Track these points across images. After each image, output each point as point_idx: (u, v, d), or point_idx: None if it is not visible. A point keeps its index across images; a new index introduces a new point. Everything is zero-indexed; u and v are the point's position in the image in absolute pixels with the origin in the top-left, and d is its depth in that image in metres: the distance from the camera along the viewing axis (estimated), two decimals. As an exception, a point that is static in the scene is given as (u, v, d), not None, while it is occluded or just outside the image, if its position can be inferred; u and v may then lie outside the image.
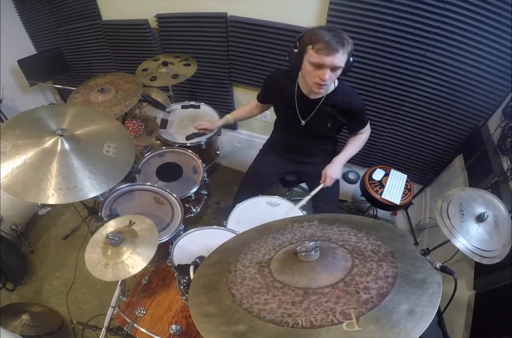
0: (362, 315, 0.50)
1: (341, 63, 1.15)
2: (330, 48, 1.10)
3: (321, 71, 1.16)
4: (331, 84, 1.27)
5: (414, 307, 0.50)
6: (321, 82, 1.19)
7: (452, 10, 1.44)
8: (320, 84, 1.20)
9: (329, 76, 1.16)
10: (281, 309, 0.55)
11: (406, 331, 0.47)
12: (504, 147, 1.48)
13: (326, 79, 1.17)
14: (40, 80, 2.39)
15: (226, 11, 1.89)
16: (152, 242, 1.08)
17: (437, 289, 0.53)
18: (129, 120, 1.78)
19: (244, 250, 0.75)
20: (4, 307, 1.78)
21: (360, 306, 0.51)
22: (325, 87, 1.24)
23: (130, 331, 1.23)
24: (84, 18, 2.32)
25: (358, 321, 0.49)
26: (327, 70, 1.15)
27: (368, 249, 0.65)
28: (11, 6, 2.52)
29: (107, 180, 1.15)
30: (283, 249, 0.71)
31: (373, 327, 0.48)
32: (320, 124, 1.45)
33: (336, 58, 1.12)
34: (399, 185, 1.98)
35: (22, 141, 1.12)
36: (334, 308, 0.52)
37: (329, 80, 1.19)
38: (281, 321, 0.52)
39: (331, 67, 1.14)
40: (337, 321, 0.50)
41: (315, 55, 1.13)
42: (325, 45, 1.10)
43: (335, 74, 1.18)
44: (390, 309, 0.50)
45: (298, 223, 0.82)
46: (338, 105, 1.37)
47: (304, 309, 0.53)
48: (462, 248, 1.11)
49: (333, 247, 0.67)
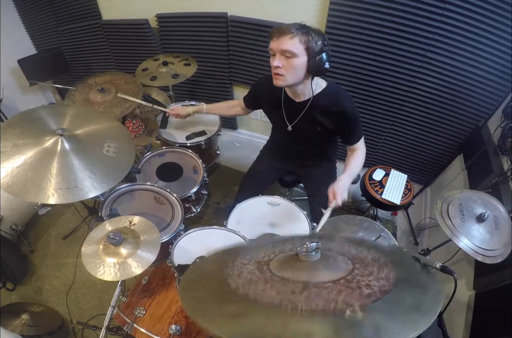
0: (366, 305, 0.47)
1: (290, 47, 1.08)
2: (277, 31, 1.09)
3: (273, 58, 1.15)
4: (291, 76, 1.16)
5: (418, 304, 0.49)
6: (274, 70, 1.15)
7: (452, 10, 1.44)
8: (274, 72, 1.16)
9: (279, 62, 1.12)
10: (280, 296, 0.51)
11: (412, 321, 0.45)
12: (504, 147, 1.48)
13: (275, 65, 1.13)
14: (40, 79, 2.38)
15: (226, 11, 1.89)
16: (154, 242, 1.09)
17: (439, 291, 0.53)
18: (129, 120, 1.78)
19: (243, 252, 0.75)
20: (4, 307, 1.78)
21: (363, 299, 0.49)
22: (282, 78, 1.17)
23: (130, 331, 1.22)
24: (84, 17, 2.32)
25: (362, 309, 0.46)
26: (276, 55, 1.13)
27: (369, 258, 0.64)
28: (11, 6, 2.51)
29: (107, 180, 1.15)
30: (283, 253, 0.71)
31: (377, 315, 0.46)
32: (308, 128, 1.39)
33: (283, 41, 1.08)
34: (399, 185, 1.98)
35: (22, 141, 1.12)
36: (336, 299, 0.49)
37: (284, 69, 1.14)
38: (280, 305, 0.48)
39: (279, 51, 1.11)
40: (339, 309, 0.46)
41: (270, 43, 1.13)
42: (275, 30, 1.10)
43: (288, 62, 1.12)
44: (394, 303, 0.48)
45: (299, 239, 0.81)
46: (326, 107, 1.29)
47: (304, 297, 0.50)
48: (465, 247, 1.12)
49: (334, 255, 0.67)
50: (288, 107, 1.38)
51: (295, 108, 1.35)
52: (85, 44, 2.47)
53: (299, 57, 1.11)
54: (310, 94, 1.29)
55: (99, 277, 0.99)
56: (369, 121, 2.04)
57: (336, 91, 1.32)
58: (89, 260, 1.03)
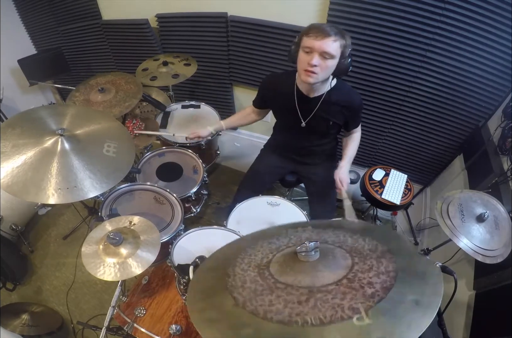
0: (371, 308, 0.49)
1: (331, 49, 1.12)
2: (321, 31, 1.10)
3: (310, 56, 1.15)
4: (323, 75, 1.20)
5: (419, 297, 0.50)
6: (309, 67, 1.16)
7: (452, 10, 1.44)
8: (308, 70, 1.17)
9: (317, 61, 1.14)
10: (287, 309, 0.53)
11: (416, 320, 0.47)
12: (504, 147, 1.48)
13: (313, 63, 1.14)
14: (40, 79, 2.38)
15: (226, 11, 1.89)
16: (154, 242, 1.09)
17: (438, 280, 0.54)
18: (129, 120, 1.78)
19: (241, 255, 0.74)
20: (4, 307, 1.78)
21: (367, 300, 0.51)
22: (315, 76, 1.18)
23: (130, 331, 1.23)
24: (84, 17, 2.32)
25: (368, 315, 0.48)
26: (316, 54, 1.13)
27: (366, 248, 0.65)
28: (11, 6, 2.51)
29: (107, 180, 1.15)
30: (281, 252, 0.71)
31: (383, 319, 0.48)
32: (321, 124, 1.44)
33: (326, 43, 1.10)
34: (399, 185, 1.98)
35: (22, 141, 1.12)
36: (342, 304, 0.51)
37: (320, 68, 1.15)
38: (290, 321, 0.51)
39: (320, 51, 1.12)
40: (346, 316, 0.49)
41: (306, 40, 1.14)
42: (316, 29, 1.12)
43: (325, 63, 1.15)
44: (397, 301, 0.50)
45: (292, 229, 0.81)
46: (338, 102, 1.36)
47: (311, 307, 0.52)
48: (465, 247, 1.12)
49: (331, 248, 0.67)
50: (302, 103, 1.39)
51: (308, 104, 1.38)
52: (85, 44, 2.47)
53: (335, 59, 1.16)
54: (323, 90, 1.34)
55: (99, 277, 0.99)
56: (369, 121, 2.04)
57: (345, 87, 1.39)
58: (89, 260, 1.03)
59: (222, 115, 2.11)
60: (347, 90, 1.39)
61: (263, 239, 0.79)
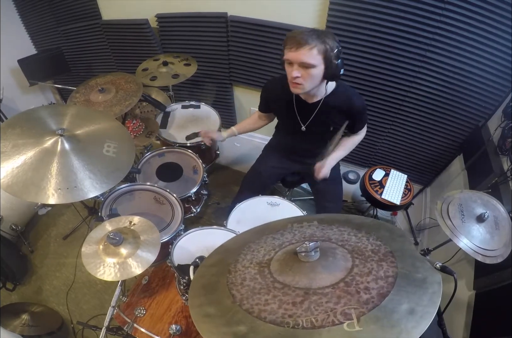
0: (363, 315, 0.50)
1: (308, 59, 1.09)
2: (295, 42, 1.08)
3: (292, 68, 1.14)
4: (309, 84, 1.18)
5: (414, 306, 0.50)
6: (292, 79, 1.16)
7: (452, 10, 1.44)
8: (292, 82, 1.17)
9: (298, 73, 1.13)
10: (281, 310, 0.55)
11: (407, 330, 0.47)
12: (504, 147, 1.48)
13: (294, 75, 1.13)
14: (40, 80, 2.39)
15: (226, 11, 1.89)
16: (154, 242, 1.09)
17: (437, 289, 0.53)
18: (129, 120, 1.78)
19: (244, 250, 0.75)
20: (4, 307, 1.78)
21: (361, 306, 0.51)
22: (300, 87, 1.18)
23: (130, 331, 1.23)
24: (84, 17, 2.32)
25: (359, 321, 0.49)
26: (295, 65, 1.13)
27: (368, 249, 0.65)
28: (11, 6, 2.51)
29: (107, 180, 1.14)
30: (283, 250, 0.71)
31: (374, 327, 0.48)
32: (321, 128, 1.43)
33: (301, 53, 1.08)
34: (399, 185, 1.98)
35: (22, 141, 1.12)
36: (335, 309, 0.52)
37: (302, 78, 1.15)
38: (282, 322, 0.52)
39: (298, 62, 1.11)
40: (338, 322, 0.50)
41: (286, 52, 1.13)
42: (291, 39, 1.09)
43: (307, 72, 1.13)
44: (390, 309, 0.50)
45: (298, 224, 0.82)
46: (338, 106, 1.34)
47: (305, 309, 0.53)
48: (465, 247, 1.11)
49: (333, 247, 0.67)
50: (300, 108, 1.39)
51: (307, 109, 1.37)
52: (85, 44, 2.48)
53: (318, 67, 1.13)
54: (322, 95, 1.32)
55: (99, 277, 0.99)
56: (369, 121, 2.03)
57: (346, 90, 1.36)
58: (89, 260, 1.03)
59: (222, 115, 2.11)
60: (348, 93, 1.35)
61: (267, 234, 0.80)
